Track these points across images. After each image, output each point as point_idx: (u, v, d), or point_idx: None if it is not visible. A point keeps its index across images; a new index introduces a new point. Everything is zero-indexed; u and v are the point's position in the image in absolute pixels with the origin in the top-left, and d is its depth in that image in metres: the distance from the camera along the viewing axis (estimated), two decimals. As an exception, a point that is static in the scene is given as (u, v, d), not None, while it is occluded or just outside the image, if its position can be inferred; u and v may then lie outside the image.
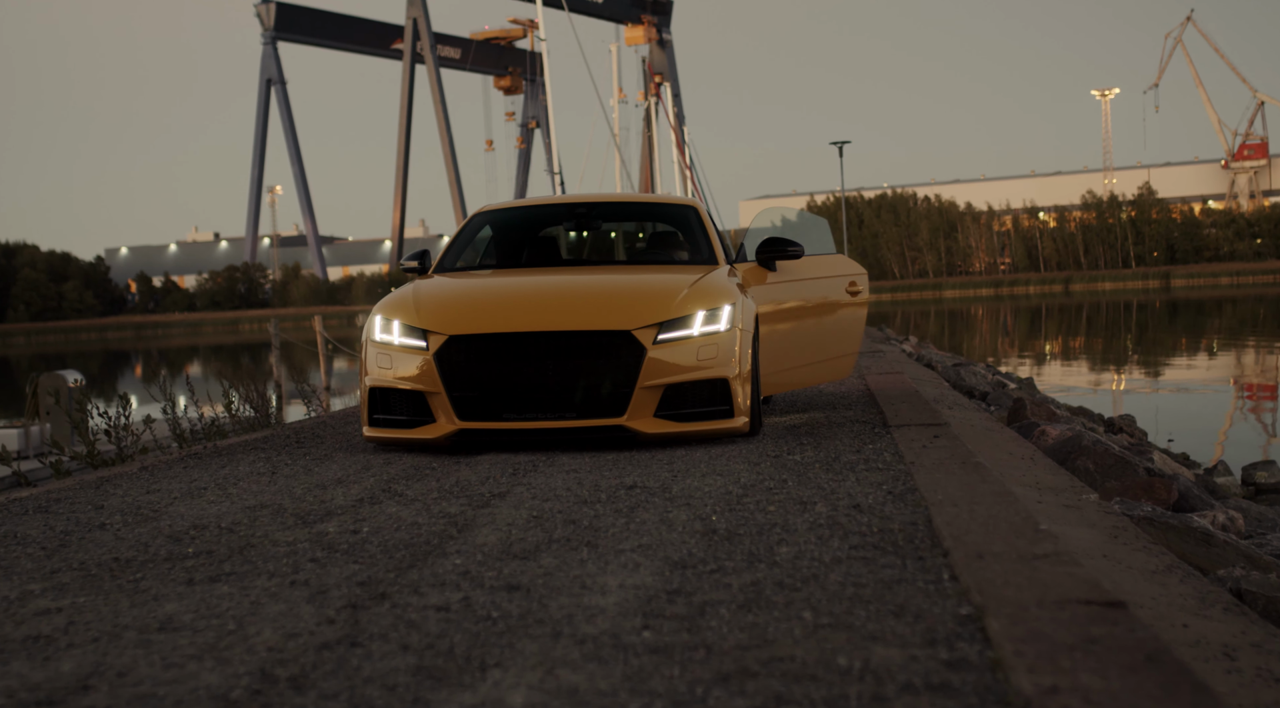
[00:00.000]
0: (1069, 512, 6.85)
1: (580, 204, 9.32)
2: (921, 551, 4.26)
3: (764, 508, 5.22)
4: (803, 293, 9.00)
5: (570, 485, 5.98)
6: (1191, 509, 8.55)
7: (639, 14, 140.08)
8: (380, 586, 3.95)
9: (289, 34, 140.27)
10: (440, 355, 7.27)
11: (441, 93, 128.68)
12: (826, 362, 9.24)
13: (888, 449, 6.90)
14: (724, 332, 7.45)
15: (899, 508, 5.08)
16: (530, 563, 4.26)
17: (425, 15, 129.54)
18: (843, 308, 9.39)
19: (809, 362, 9.03)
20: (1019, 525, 4.51)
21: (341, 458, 7.39)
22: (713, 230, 8.95)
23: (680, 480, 6.04)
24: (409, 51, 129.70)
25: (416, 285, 8.00)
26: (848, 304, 9.42)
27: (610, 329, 7.23)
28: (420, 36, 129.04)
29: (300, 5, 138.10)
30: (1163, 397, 22.24)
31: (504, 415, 7.21)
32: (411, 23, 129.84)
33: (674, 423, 7.32)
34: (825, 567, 4.08)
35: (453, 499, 5.67)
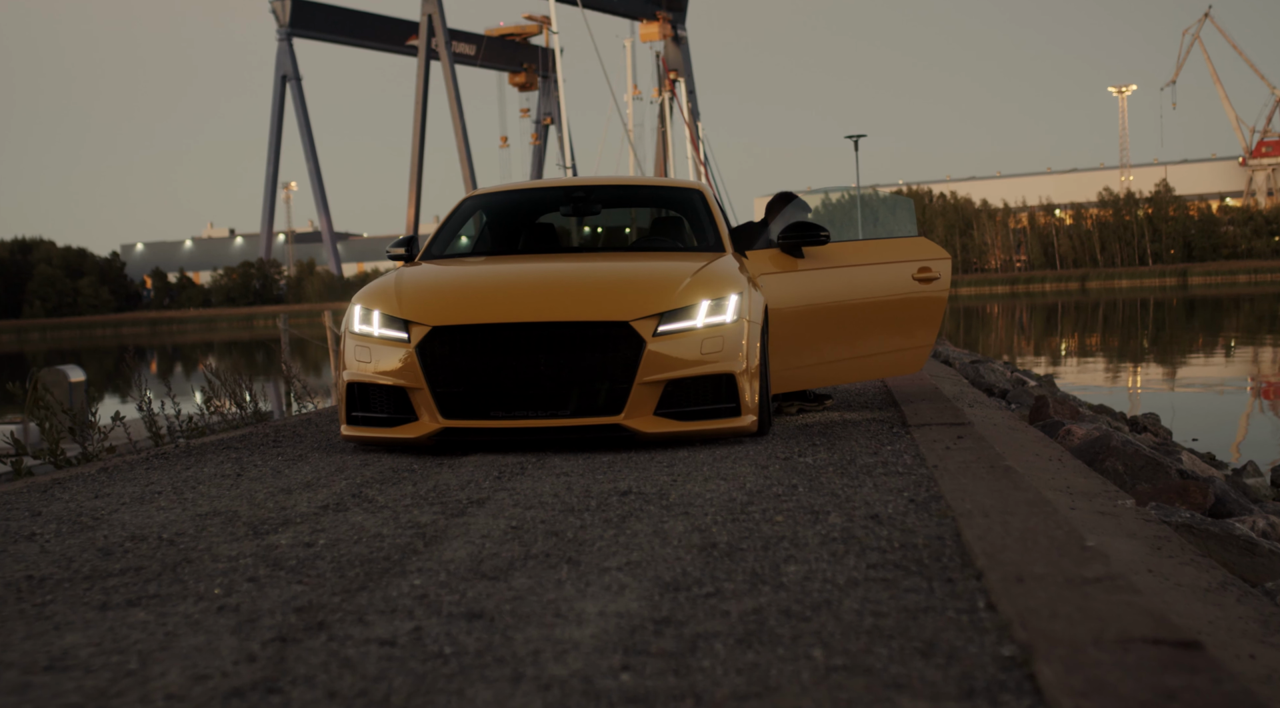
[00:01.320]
0: (1106, 520, 6.29)
1: (577, 188, 8.74)
2: (951, 571, 3.70)
3: (771, 518, 4.66)
4: (843, 280, 8.29)
5: (558, 491, 5.43)
6: (1229, 514, 8.00)
7: (654, 10, 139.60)
8: (321, 612, 3.39)
9: (304, 30, 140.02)
10: (423, 348, 6.72)
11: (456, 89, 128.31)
12: (884, 355, 8.48)
13: (908, 451, 6.33)
14: (730, 323, 6.89)
15: (922, 519, 4.51)
16: (500, 584, 3.70)
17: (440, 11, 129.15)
18: (906, 296, 8.56)
19: (859, 354, 8.32)
20: (1062, 541, 3.94)
21: (316, 459, 6.84)
22: (719, 215, 8.36)
23: (680, 485, 5.48)
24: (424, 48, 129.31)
25: (400, 273, 7.44)
26: (913, 292, 8.58)
27: (606, 320, 6.67)
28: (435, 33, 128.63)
29: (316, 1, 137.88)
30: (1181, 395, 21.70)
31: (492, 413, 6.66)
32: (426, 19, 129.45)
33: (675, 422, 6.75)
34: (839, 590, 3.52)
35: (426, 507, 5.11)
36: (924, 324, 8.63)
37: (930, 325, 8.68)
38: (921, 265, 8.60)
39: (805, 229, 8.04)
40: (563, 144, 56.53)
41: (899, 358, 8.55)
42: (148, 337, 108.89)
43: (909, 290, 8.55)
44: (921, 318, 8.62)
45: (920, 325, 8.63)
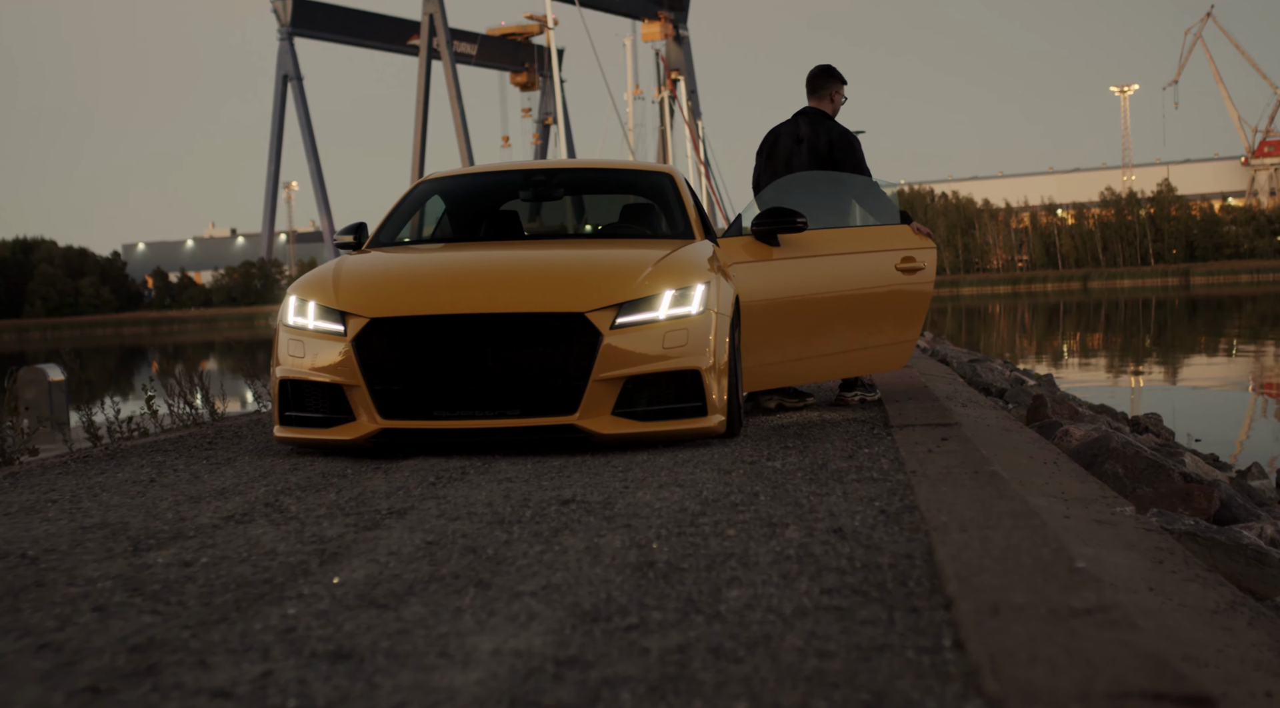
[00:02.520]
0: (1103, 530, 5.75)
1: (538, 171, 8.17)
2: (916, 599, 3.16)
3: (722, 532, 4.11)
4: (821, 271, 7.69)
5: (494, 499, 4.88)
6: (1235, 519, 7.48)
7: (655, 9, 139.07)
8: (159, 652, 2.85)
9: (305, 30, 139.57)
10: (360, 342, 6.17)
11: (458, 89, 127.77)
12: (866, 350, 7.89)
13: (886, 454, 5.79)
14: (696, 315, 6.34)
15: (892, 534, 3.97)
16: (388, 614, 3.15)
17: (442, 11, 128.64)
18: (889, 288, 7.99)
19: (837, 350, 7.73)
20: (1048, 562, 3.40)
21: (245, 462, 6.29)
22: (690, 201, 7.79)
23: (630, 493, 4.94)
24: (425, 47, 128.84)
25: (340, 261, 6.89)
26: (896, 284, 8.00)
27: (559, 311, 6.12)
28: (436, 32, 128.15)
29: (317, 1, 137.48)
30: (1184, 395, 21.21)
31: (434, 413, 6.11)
32: (428, 19, 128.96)
33: (635, 422, 6.20)
34: (784, 623, 2.98)
35: (339, 518, 4.57)
36: (907, 318, 8.04)
37: (914, 319, 8.09)
38: (905, 255, 8.01)
39: (781, 215, 7.47)
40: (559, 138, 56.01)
41: (881, 354, 7.96)
42: (149, 337, 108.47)
43: (892, 282, 7.95)
44: (905, 311, 8.03)
45: (903, 319, 8.04)
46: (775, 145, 8.40)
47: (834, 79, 8.29)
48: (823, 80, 8.27)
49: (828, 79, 8.27)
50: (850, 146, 8.15)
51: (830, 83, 8.27)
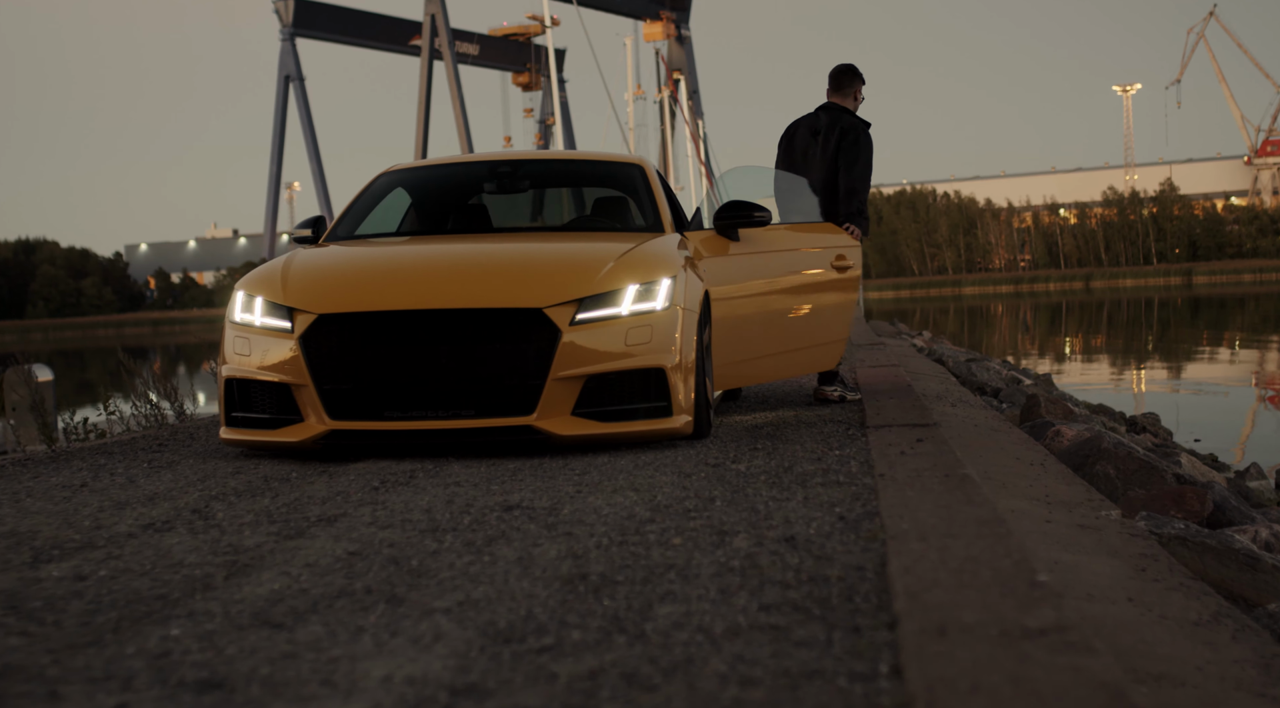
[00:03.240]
0: (1085, 535, 5.48)
1: (503, 162, 7.87)
2: (861, 616, 2.88)
3: (667, 541, 3.84)
4: (773, 267, 7.47)
5: (435, 505, 4.60)
6: (1229, 522, 7.21)
7: (657, 9, 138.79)
8: (11, 679, 2.57)
9: (307, 30, 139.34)
10: (307, 339, 5.89)
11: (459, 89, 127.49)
12: (803, 350, 7.71)
13: (857, 456, 5.51)
14: (661, 311, 6.05)
15: (846, 543, 3.69)
16: (280, 635, 2.88)
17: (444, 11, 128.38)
18: (826, 285, 7.85)
19: (779, 350, 7.53)
20: (1008, 575, 3.12)
21: (188, 465, 6.01)
22: (661, 193, 7.49)
23: (581, 498, 4.66)
24: (427, 48, 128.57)
25: (291, 255, 6.61)
26: (833, 281, 7.86)
27: (516, 307, 5.84)
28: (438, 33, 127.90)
29: (318, 2, 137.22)
30: (1185, 395, 20.97)
31: (385, 414, 5.82)
32: (430, 19, 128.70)
33: (596, 423, 5.92)
34: (711, 644, 2.71)
35: (265, 526, 4.29)
36: (842, 316, 8.02)
37: (848, 317, 8.07)
38: (838, 253, 7.95)
39: (742, 209, 7.23)
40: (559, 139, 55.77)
41: (818, 354, 7.82)
42: (150, 337, 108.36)
43: (831, 279, 7.90)
44: (842, 308, 8.00)
45: (839, 317, 8.01)
46: (794, 137, 8.38)
47: (857, 78, 8.34)
48: (847, 78, 8.34)
49: (852, 77, 8.33)
50: (855, 140, 8.10)
51: (854, 80, 8.34)
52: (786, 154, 8.39)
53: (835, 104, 8.31)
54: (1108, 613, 4.06)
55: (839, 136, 8.12)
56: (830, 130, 8.17)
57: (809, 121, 8.32)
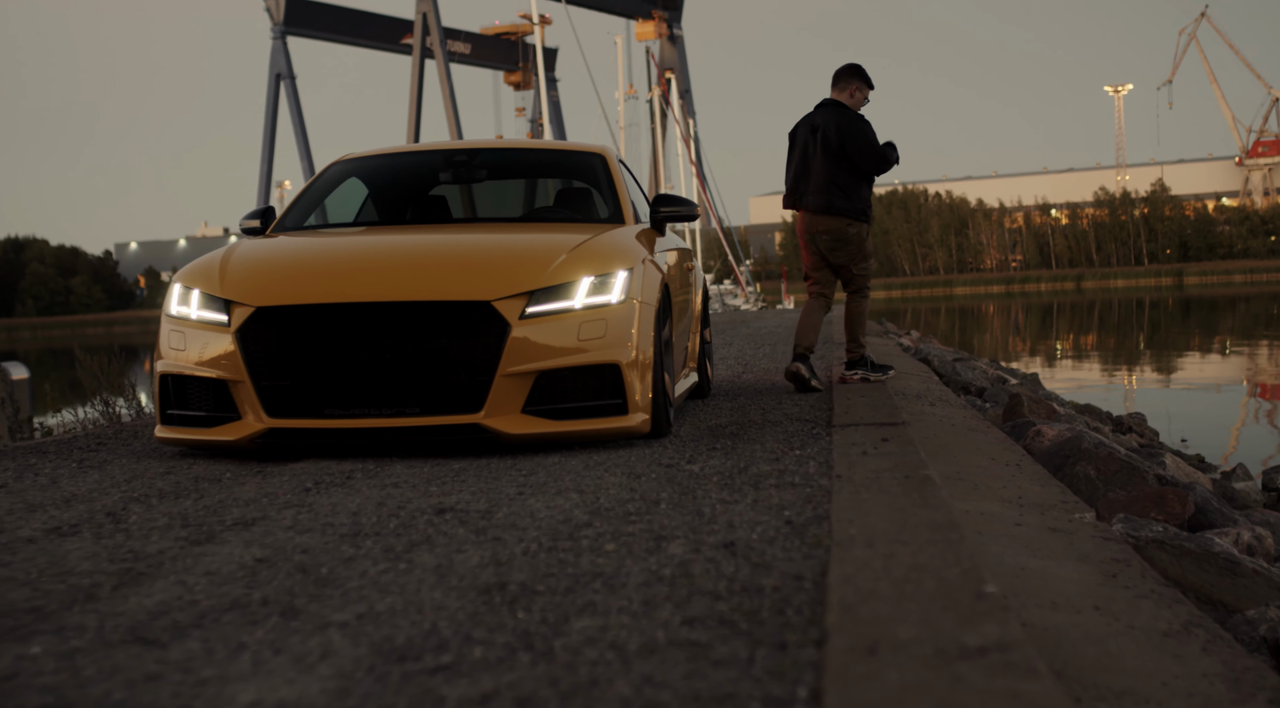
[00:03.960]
0: (1055, 539, 5.24)
1: (459, 151, 7.61)
2: (789, 631, 2.64)
3: (600, 547, 3.59)
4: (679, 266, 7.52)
5: (365, 508, 4.35)
6: (1210, 525, 7.00)
7: (649, 9, 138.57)
8: None
9: (298, 29, 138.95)
10: (245, 333, 5.63)
11: (451, 88, 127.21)
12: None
13: (817, 456, 5.26)
14: (616, 304, 5.80)
15: (788, 550, 3.44)
16: (150, 653, 2.63)
17: (435, 10, 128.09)
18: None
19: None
20: (954, 585, 2.87)
21: (119, 465, 5.75)
22: (622, 183, 7.24)
23: (520, 500, 4.41)
24: (418, 46, 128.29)
25: (232, 246, 6.35)
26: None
27: (463, 300, 5.58)
28: (430, 31, 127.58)
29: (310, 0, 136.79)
30: (1175, 395, 20.78)
31: (326, 411, 5.56)
32: (421, 18, 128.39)
33: (547, 421, 5.66)
34: (621, 663, 2.46)
35: (177, 530, 4.04)
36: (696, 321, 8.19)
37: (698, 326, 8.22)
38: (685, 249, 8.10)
39: (675, 203, 7.09)
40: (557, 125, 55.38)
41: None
42: (139, 336, 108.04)
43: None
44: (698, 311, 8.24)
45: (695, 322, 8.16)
46: (796, 135, 8.48)
47: (857, 77, 8.47)
48: (846, 75, 8.50)
49: (851, 75, 8.49)
50: (854, 131, 8.20)
51: (852, 79, 8.46)
52: (790, 151, 8.49)
53: (832, 100, 8.38)
54: (1072, 623, 3.82)
55: (838, 132, 8.06)
56: (828, 127, 8.21)
57: (809, 118, 8.40)
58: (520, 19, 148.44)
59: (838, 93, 8.36)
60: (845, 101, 8.35)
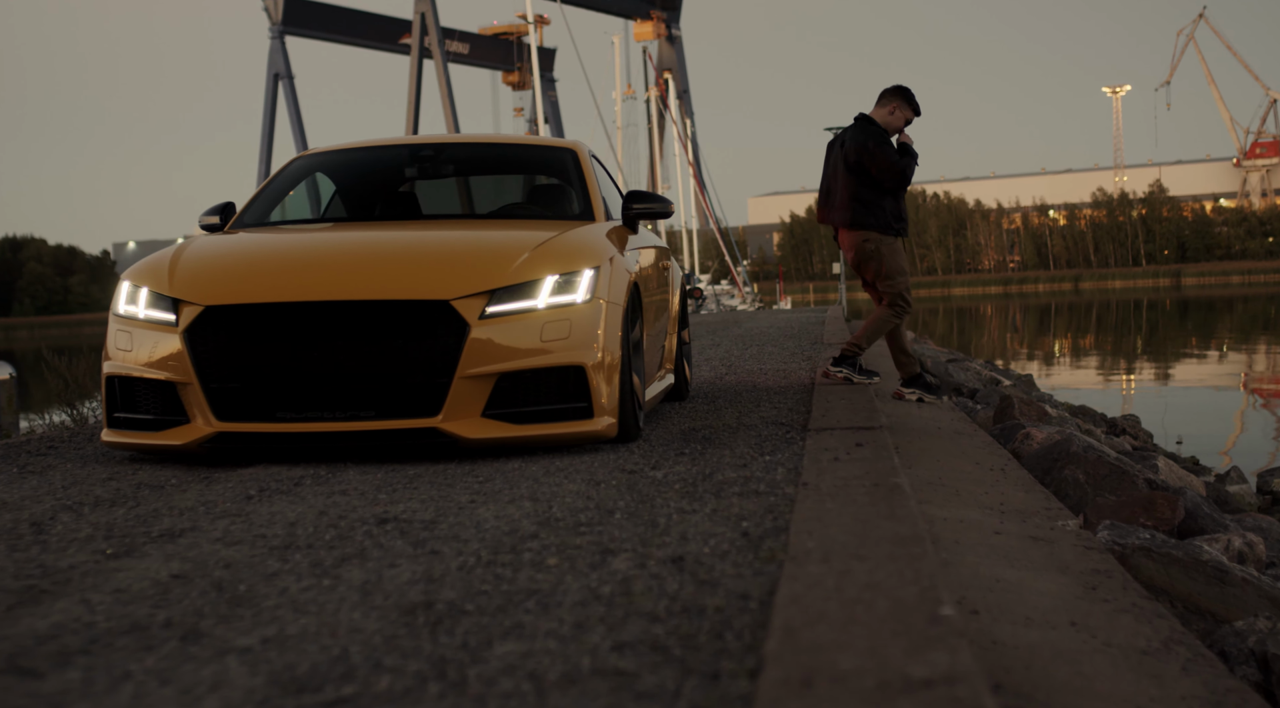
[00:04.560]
0: (1035, 549, 5.03)
1: (425, 146, 7.37)
2: (725, 658, 2.42)
3: (542, 561, 3.37)
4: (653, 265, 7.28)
5: (303, 517, 4.13)
6: (1200, 531, 6.80)
7: (648, 9, 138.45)
8: None
9: (296, 28, 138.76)
10: (193, 333, 5.40)
11: (449, 88, 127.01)
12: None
13: (786, 463, 5.04)
14: (581, 304, 5.57)
15: (739, 565, 3.23)
16: (23, 685, 2.41)
17: (433, 10, 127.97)
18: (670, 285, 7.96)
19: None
20: (909, 607, 2.65)
21: (61, 470, 5.52)
22: (594, 179, 7.01)
23: (471, 509, 4.19)
24: (417, 46, 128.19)
25: (186, 242, 6.12)
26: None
27: (420, 298, 5.35)
28: (428, 31, 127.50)
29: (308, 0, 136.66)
30: (1172, 397, 20.59)
31: (278, 415, 5.34)
32: (419, 18, 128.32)
33: (509, 425, 5.43)
34: (538, 696, 2.25)
35: (98, 542, 3.81)
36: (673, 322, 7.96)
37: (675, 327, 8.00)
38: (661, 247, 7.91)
39: (648, 200, 6.89)
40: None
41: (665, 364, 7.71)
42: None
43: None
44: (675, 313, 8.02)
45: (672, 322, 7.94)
46: (830, 148, 8.44)
47: (899, 97, 8.25)
48: (889, 95, 8.26)
49: (894, 95, 8.26)
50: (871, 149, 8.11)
51: (894, 98, 8.26)
52: (824, 164, 8.45)
53: (864, 116, 8.29)
54: (1045, 641, 3.61)
55: (855, 151, 8.05)
56: (852, 143, 8.12)
57: (840, 134, 8.36)
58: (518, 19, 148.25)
59: (877, 109, 8.24)
60: (881, 119, 8.19)
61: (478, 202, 7.98)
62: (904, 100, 8.22)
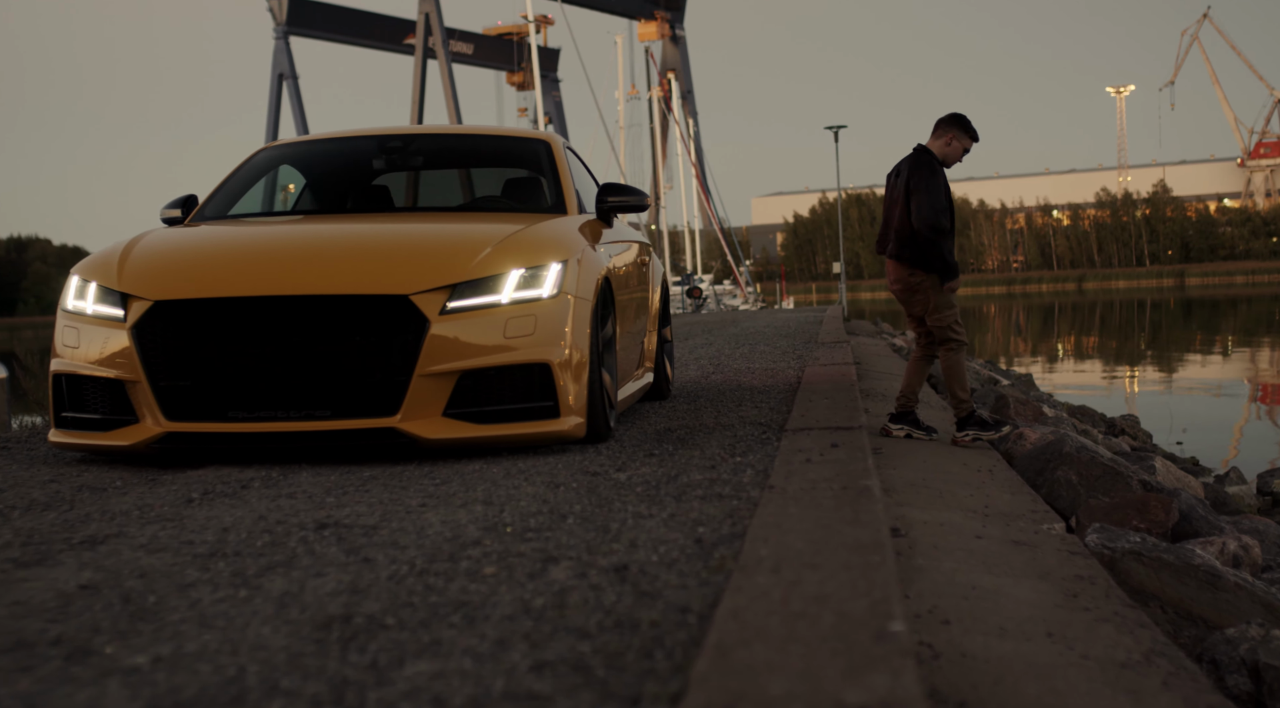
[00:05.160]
0: (1017, 554, 4.82)
1: (393, 137, 7.15)
2: (651, 681, 2.21)
3: (478, 570, 3.16)
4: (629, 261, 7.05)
5: (241, 523, 3.92)
6: (1195, 533, 6.61)
7: (652, 9, 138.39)
8: None
9: (301, 29, 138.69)
10: (141, 329, 5.19)
11: (454, 88, 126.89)
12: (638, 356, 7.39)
13: (756, 465, 4.82)
14: (547, 299, 5.35)
15: (685, 575, 3.01)
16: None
17: (437, 10, 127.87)
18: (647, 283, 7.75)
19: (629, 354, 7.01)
20: (856, 621, 2.44)
21: (6, 472, 5.27)
22: (568, 172, 6.78)
23: (417, 514, 3.98)
24: (421, 46, 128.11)
25: (139, 236, 5.90)
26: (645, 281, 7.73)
27: (378, 293, 5.14)
28: (432, 31, 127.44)
29: (312, 0, 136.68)
30: (1174, 397, 20.38)
31: (229, 414, 5.12)
32: (424, 18, 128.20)
33: (471, 425, 5.21)
34: (435, 722, 2.03)
35: (14, 550, 3.59)
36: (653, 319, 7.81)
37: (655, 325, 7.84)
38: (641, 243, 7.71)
39: (623, 193, 6.67)
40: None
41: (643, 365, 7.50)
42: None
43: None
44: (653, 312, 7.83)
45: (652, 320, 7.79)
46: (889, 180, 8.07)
47: (955, 125, 7.83)
48: (945, 124, 7.86)
49: (950, 124, 7.84)
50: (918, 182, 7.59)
51: (950, 128, 7.81)
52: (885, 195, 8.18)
53: (921, 146, 7.91)
54: (1018, 653, 3.39)
55: (906, 180, 7.65)
56: (906, 171, 7.78)
57: (899, 163, 8.02)
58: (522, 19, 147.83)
59: (933, 140, 7.86)
60: (939, 150, 7.80)
61: (456, 195, 7.74)
62: (961, 129, 7.86)
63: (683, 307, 49.07)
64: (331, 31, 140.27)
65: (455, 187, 7.77)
